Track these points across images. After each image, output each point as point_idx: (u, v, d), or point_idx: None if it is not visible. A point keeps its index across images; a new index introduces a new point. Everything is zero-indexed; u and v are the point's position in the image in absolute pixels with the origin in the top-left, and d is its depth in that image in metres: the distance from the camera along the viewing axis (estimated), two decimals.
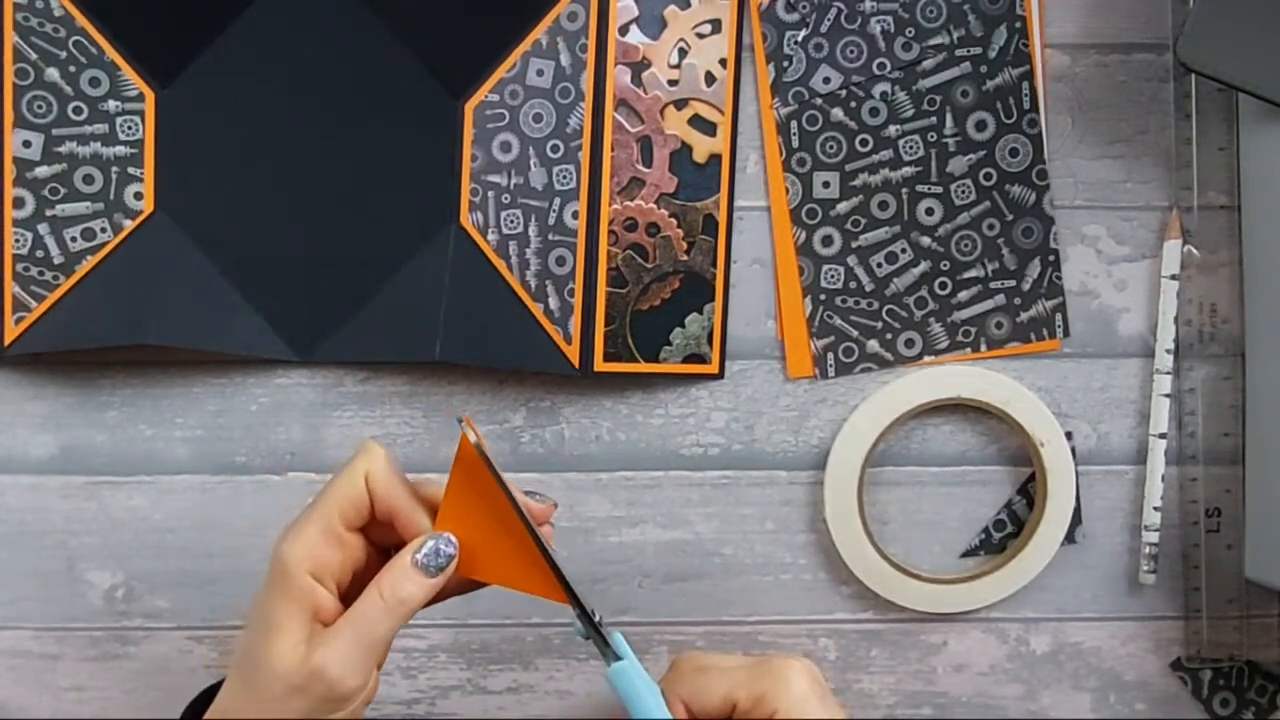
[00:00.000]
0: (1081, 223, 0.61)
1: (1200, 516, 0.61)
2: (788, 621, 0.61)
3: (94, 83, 0.57)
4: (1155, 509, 0.60)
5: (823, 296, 0.60)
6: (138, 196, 0.58)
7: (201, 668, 0.61)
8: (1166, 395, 0.60)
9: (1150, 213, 0.61)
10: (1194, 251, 0.60)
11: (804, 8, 0.59)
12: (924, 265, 0.60)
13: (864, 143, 0.59)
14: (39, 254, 0.57)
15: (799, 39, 0.59)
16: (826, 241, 0.60)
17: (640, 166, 0.58)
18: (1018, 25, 0.59)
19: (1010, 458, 0.61)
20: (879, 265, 0.60)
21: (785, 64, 0.59)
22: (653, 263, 0.58)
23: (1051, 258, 0.60)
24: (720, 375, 0.60)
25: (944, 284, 0.60)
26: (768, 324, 0.60)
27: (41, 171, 0.57)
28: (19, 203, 0.57)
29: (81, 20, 0.56)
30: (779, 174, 0.59)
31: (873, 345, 0.60)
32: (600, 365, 0.58)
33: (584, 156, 0.57)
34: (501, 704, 0.62)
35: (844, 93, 0.59)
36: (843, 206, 0.60)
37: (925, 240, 0.60)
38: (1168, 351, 0.60)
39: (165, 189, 0.58)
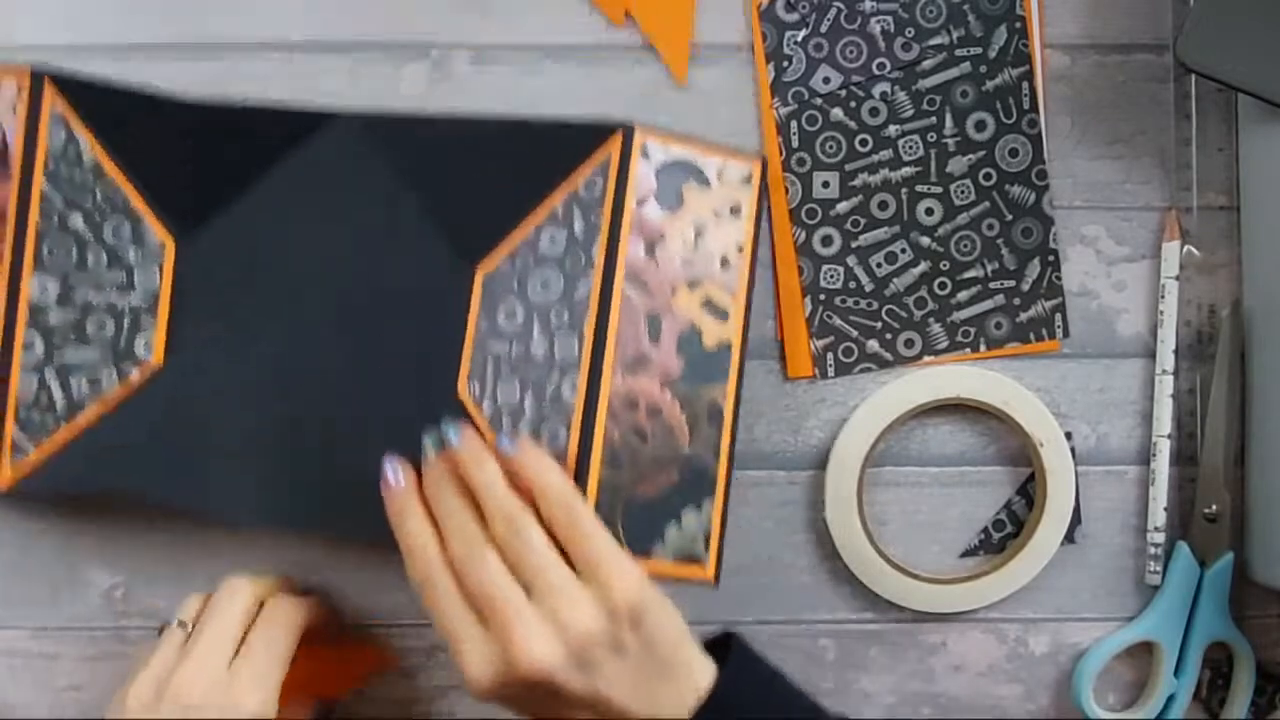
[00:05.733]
0: (1081, 223, 0.61)
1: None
2: (787, 621, 0.61)
3: (116, 231, 0.56)
4: (1164, 510, 0.60)
5: (822, 296, 0.60)
6: (146, 347, 0.57)
7: None
8: (1171, 396, 0.60)
9: (1149, 213, 0.61)
10: (1194, 252, 0.60)
11: (804, 8, 0.59)
12: (923, 265, 0.60)
13: (864, 143, 0.59)
14: (43, 399, 0.56)
15: (799, 39, 0.59)
16: (826, 241, 0.60)
17: (647, 343, 0.54)
18: (1018, 25, 0.59)
19: (1010, 458, 0.61)
20: (879, 265, 0.60)
21: (785, 64, 0.59)
22: (651, 447, 0.55)
23: (1051, 258, 0.60)
24: (715, 583, 0.57)
25: (943, 284, 0.60)
26: (767, 324, 0.60)
27: (55, 317, 0.56)
28: (29, 347, 0.56)
29: (110, 168, 0.56)
30: (779, 174, 0.59)
31: (872, 345, 0.60)
32: None
33: (589, 327, 0.54)
34: None
35: (844, 93, 0.59)
36: (842, 206, 0.60)
37: (925, 240, 0.60)
38: (1174, 353, 0.60)
39: (174, 341, 0.57)
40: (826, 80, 0.59)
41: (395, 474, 0.52)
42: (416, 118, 0.57)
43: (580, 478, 0.54)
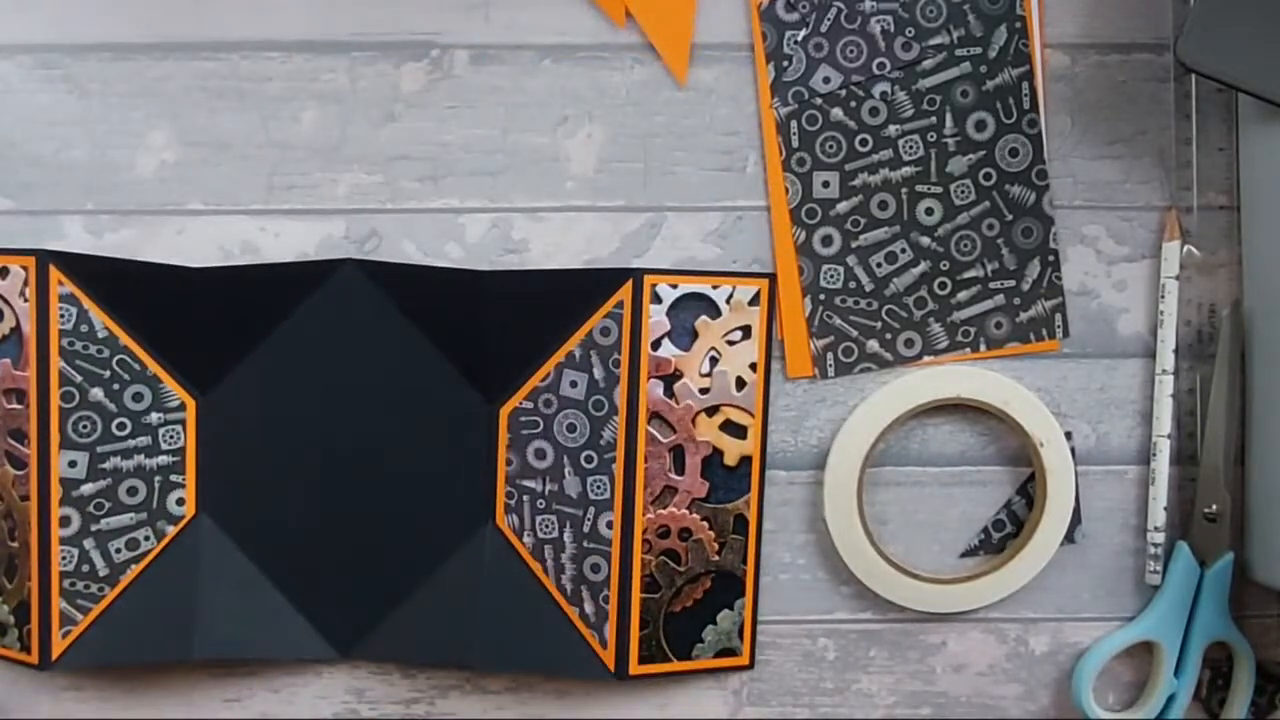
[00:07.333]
0: (1081, 223, 0.61)
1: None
2: (787, 621, 0.61)
3: (137, 397, 0.57)
4: (1164, 509, 0.60)
5: (822, 296, 0.60)
6: (179, 502, 0.58)
7: (201, 667, 0.60)
8: (1171, 396, 0.60)
9: (1149, 213, 0.61)
10: (1194, 251, 0.60)
11: (804, 7, 0.59)
12: (923, 265, 0.60)
13: (864, 142, 0.59)
14: (84, 568, 0.57)
15: (799, 38, 0.59)
16: (826, 241, 0.60)
17: (673, 475, 0.58)
18: (1018, 25, 0.59)
19: (1010, 458, 0.61)
20: (879, 265, 0.60)
21: (785, 64, 0.59)
22: (685, 565, 0.59)
23: (1051, 258, 0.60)
24: (751, 665, 0.60)
25: (943, 284, 0.60)
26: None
27: (87, 489, 0.56)
28: (65, 521, 0.56)
29: (125, 339, 0.56)
30: (779, 174, 0.59)
31: (872, 345, 0.60)
32: (635, 669, 0.58)
33: (618, 469, 0.57)
34: (500, 704, 0.62)
35: (844, 92, 0.59)
36: (842, 206, 0.60)
37: (925, 240, 0.60)
38: (1174, 352, 0.60)
39: (206, 492, 0.58)
40: (826, 80, 0.59)
41: None
42: (422, 267, 0.58)
43: (623, 605, 0.57)
